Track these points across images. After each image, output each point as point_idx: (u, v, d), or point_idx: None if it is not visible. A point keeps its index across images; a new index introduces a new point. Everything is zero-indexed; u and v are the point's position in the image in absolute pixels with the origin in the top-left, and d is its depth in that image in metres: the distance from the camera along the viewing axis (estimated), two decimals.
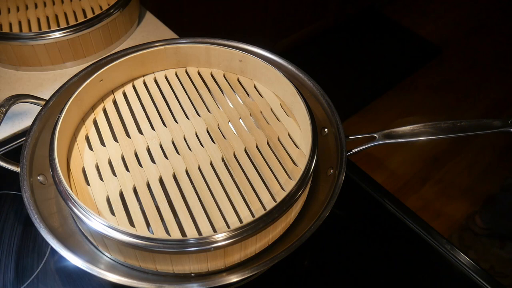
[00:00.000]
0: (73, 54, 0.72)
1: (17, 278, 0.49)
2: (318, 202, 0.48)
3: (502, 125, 0.52)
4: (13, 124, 0.64)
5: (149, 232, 0.43)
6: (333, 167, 0.49)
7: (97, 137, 0.51)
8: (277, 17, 1.62)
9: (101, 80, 0.53)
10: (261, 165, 0.49)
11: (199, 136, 0.51)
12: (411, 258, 0.54)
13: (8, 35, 0.67)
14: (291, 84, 0.53)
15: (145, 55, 0.56)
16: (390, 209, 0.57)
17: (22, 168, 0.46)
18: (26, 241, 0.52)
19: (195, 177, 0.47)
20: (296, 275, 0.51)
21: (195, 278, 0.43)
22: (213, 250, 0.40)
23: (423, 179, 1.51)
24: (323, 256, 0.53)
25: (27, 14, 0.73)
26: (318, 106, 0.54)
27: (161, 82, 0.58)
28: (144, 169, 0.48)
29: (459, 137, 0.51)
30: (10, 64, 0.71)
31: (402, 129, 0.52)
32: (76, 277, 0.49)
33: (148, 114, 0.54)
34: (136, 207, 0.44)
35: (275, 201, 0.45)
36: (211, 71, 0.59)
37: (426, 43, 2.01)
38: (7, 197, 0.56)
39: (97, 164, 0.48)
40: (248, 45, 0.58)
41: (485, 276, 0.51)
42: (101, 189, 0.46)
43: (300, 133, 0.52)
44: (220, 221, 0.44)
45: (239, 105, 0.55)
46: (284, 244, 0.45)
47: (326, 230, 0.44)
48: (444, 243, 0.54)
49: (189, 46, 0.57)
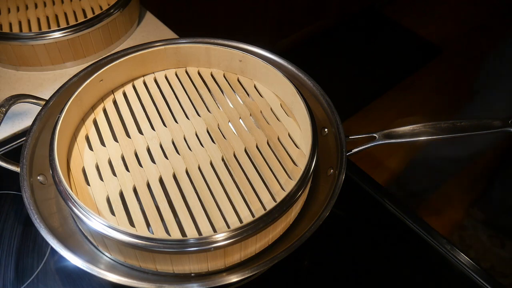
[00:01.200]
0: (73, 54, 0.72)
1: (17, 278, 0.49)
2: (318, 202, 0.48)
3: (502, 125, 0.52)
4: (13, 124, 0.64)
5: (149, 232, 0.43)
6: (333, 167, 0.49)
7: (97, 137, 0.51)
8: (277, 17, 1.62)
9: (101, 80, 0.53)
10: (261, 165, 0.49)
11: (199, 136, 0.51)
12: (411, 258, 0.54)
13: (8, 35, 0.67)
14: (291, 84, 0.53)
15: (145, 55, 0.56)
16: (390, 209, 0.57)
17: (22, 168, 0.46)
18: (26, 241, 0.52)
19: (195, 177, 0.47)
20: (296, 275, 0.51)
21: (195, 278, 0.43)
22: (213, 250, 0.40)
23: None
24: (323, 256, 0.53)
25: (27, 14, 0.73)
26: (318, 106, 0.54)
27: (161, 82, 0.58)
28: (144, 169, 0.48)
29: (459, 137, 0.51)
30: (10, 64, 0.71)
31: (402, 129, 0.52)
32: (76, 277, 0.49)
33: (148, 114, 0.54)
34: (136, 207, 0.44)
35: (275, 201, 0.45)
36: (211, 71, 0.59)
37: (426, 43, 2.01)
38: (7, 197, 0.56)
39: (97, 164, 0.48)
40: (248, 45, 0.58)
41: (485, 276, 0.51)
42: (101, 189, 0.46)
43: (300, 133, 0.52)
44: (220, 221, 0.44)
45: (239, 105, 0.55)
46: (284, 244, 0.45)
47: (326, 230, 0.44)
48: (444, 243, 0.54)
49: (189, 46, 0.57)
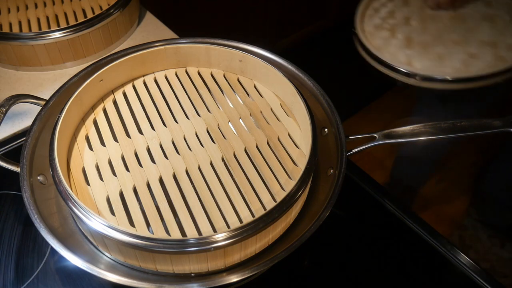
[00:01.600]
0: (73, 54, 0.72)
1: (17, 278, 0.49)
2: (318, 202, 0.48)
3: (502, 125, 0.52)
4: (13, 124, 0.64)
5: (149, 232, 0.43)
6: (333, 167, 0.49)
7: (97, 137, 0.51)
8: (277, 17, 1.62)
9: (101, 80, 0.53)
10: (261, 165, 0.49)
11: (199, 136, 0.51)
12: (411, 258, 0.54)
13: (8, 35, 0.67)
14: (291, 84, 0.53)
15: (145, 55, 0.56)
16: (390, 209, 0.57)
17: (22, 168, 0.46)
18: (26, 241, 0.52)
19: (195, 177, 0.47)
20: (296, 275, 0.51)
21: (195, 278, 0.43)
22: (213, 250, 0.40)
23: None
24: (323, 256, 0.53)
25: (27, 14, 0.73)
26: (318, 106, 0.54)
27: (161, 82, 0.58)
28: (144, 169, 0.48)
29: (459, 137, 0.51)
30: (10, 64, 0.71)
31: (402, 129, 0.52)
32: (76, 277, 0.49)
33: (148, 114, 0.54)
34: (136, 207, 0.44)
35: (275, 201, 0.45)
36: (211, 71, 0.59)
37: None
38: (7, 197, 0.56)
39: (97, 164, 0.48)
40: (248, 45, 0.58)
41: (485, 276, 0.51)
42: (101, 189, 0.46)
43: (300, 133, 0.52)
44: (220, 221, 0.44)
45: (239, 105, 0.55)
46: (284, 244, 0.45)
47: (326, 230, 0.44)
48: (444, 243, 0.54)
49: (189, 46, 0.57)
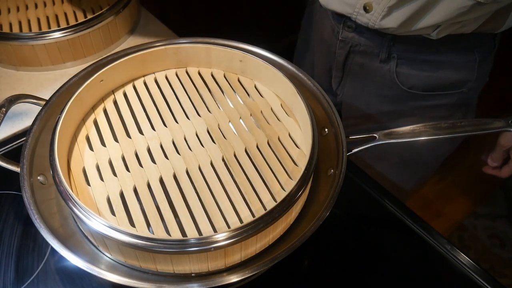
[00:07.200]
0: (73, 54, 0.72)
1: (17, 278, 0.49)
2: (318, 202, 0.48)
3: (502, 125, 0.52)
4: (13, 124, 0.64)
5: (149, 232, 0.43)
6: (333, 167, 0.49)
7: (98, 137, 0.51)
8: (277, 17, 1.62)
9: (101, 80, 0.53)
10: (262, 165, 0.49)
11: (200, 136, 0.51)
12: (411, 258, 0.54)
13: (8, 35, 0.67)
14: (292, 84, 0.53)
15: (145, 55, 0.56)
16: (390, 209, 0.57)
17: (22, 168, 0.46)
18: (26, 241, 0.52)
19: (196, 177, 0.47)
20: (296, 275, 0.51)
21: (195, 278, 0.43)
22: (214, 250, 0.40)
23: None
24: (323, 256, 0.53)
25: (27, 14, 0.73)
26: (318, 106, 0.54)
27: (161, 82, 0.58)
28: (144, 169, 0.48)
29: (459, 137, 0.51)
30: (10, 64, 0.71)
31: (402, 129, 0.52)
32: (76, 277, 0.49)
33: (149, 114, 0.54)
34: (136, 207, 0.44)
35: (275, 201, 0.45)
36: (211, 71, 0.59)
37: None
38: (7, 197, 0.56)
39: (97, 164, 0.48)
40: (248, 45, 0.58)
41: (485, 276, 0.51)
42: (102, 189, 0.46)
43: (300, 133, 0.52)
44: (221, 221, 0.44)
45: (239, 105, 0.55)
46: (284, 244, 0.45)
47: (326, 230, 0.44)
48: (444, 243, 0.54)
49: (190, 46, 0.57)
